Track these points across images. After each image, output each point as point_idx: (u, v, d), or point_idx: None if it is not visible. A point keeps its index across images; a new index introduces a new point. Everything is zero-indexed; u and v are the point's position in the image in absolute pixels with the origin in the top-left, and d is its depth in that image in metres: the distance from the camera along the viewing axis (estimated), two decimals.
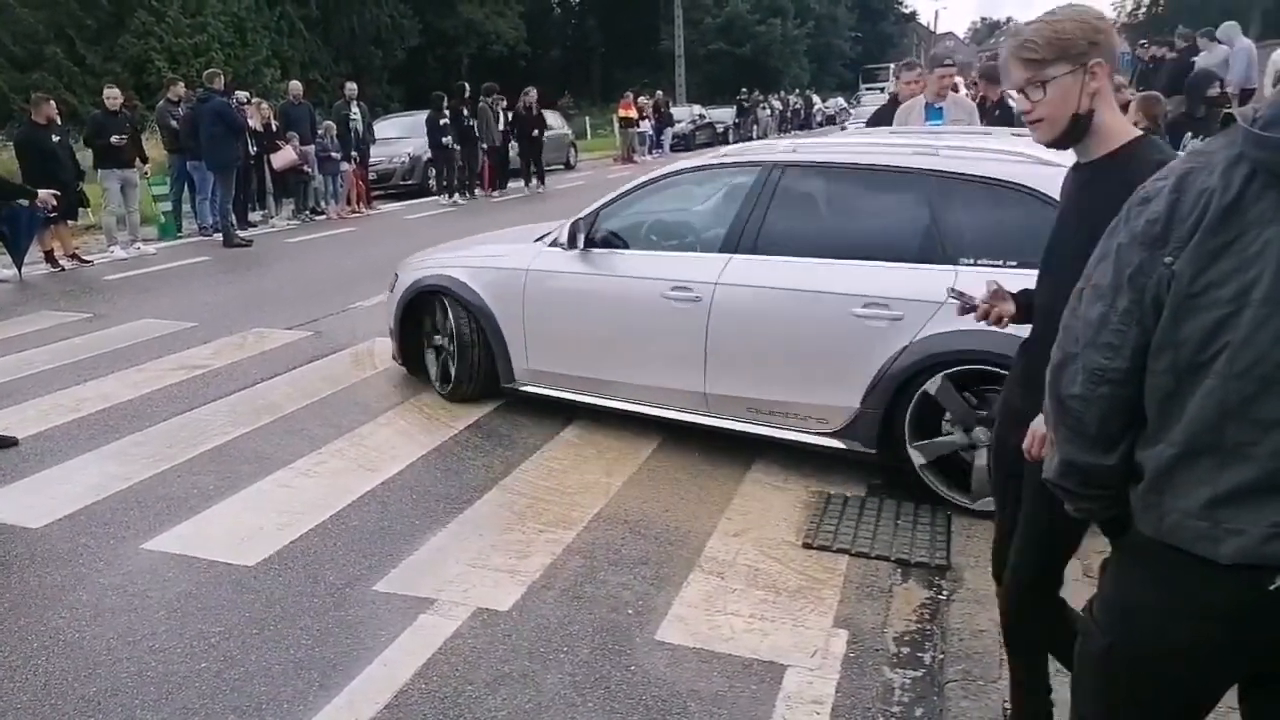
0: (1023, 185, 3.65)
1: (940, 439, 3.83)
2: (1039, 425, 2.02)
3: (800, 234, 4.24)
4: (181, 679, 2.86)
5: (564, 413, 5.10)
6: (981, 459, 3.65)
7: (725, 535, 3.75)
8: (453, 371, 5.24)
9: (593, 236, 4.73)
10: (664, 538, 3.75)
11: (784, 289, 4.10)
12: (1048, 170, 3.43)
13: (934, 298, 3.62)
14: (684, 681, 2.82)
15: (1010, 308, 2.33)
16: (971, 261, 3.71)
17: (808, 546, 3.64)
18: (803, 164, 4.36)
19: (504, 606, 3.23)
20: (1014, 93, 2.01)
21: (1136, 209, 1.41)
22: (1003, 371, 3.58)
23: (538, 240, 5.09)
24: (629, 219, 4.84)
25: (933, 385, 3.73)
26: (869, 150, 4.36)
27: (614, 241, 4.77)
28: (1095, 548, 1.59)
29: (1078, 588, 3.06)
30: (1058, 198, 3.60)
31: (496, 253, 5.30)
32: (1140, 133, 1.97)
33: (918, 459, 3.86)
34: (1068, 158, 2.14)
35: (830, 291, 3.96)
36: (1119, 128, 1.95)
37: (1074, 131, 1.94)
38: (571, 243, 4.75)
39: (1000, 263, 3.63)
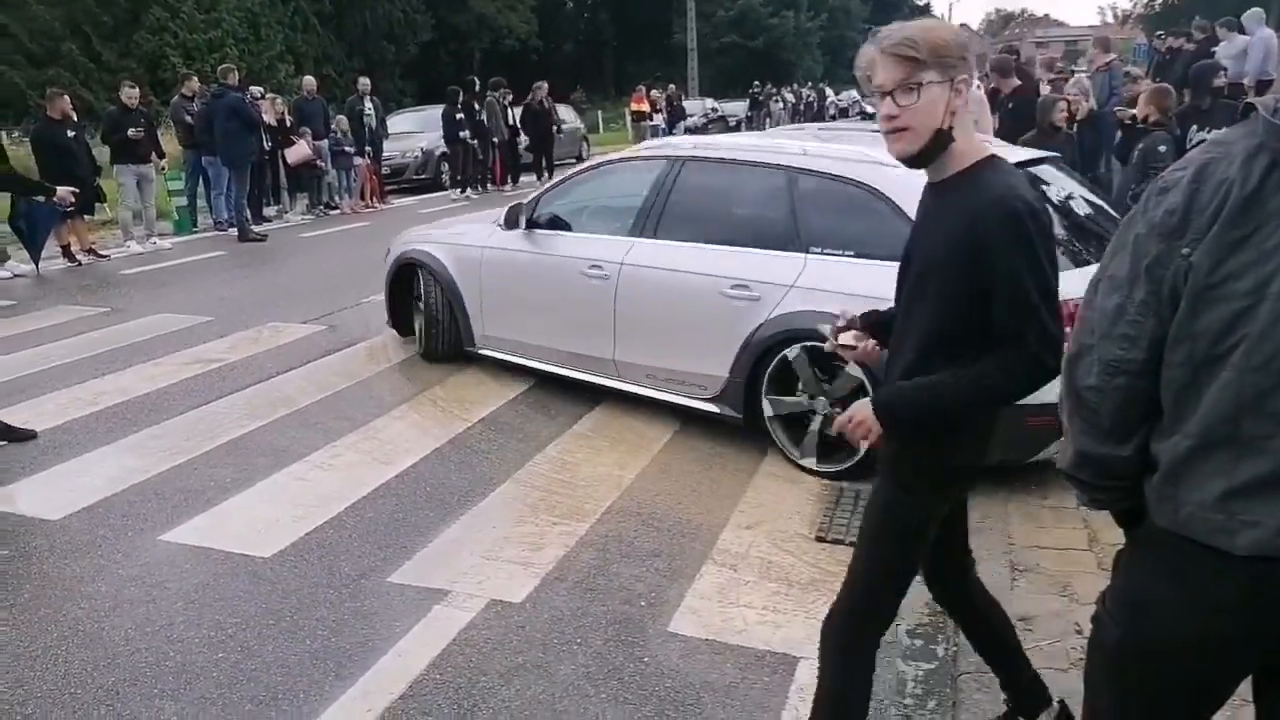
0: (866, 184, 4.05)
1: (790, 398, 4.25)
2: (858, 409, 2.01)
3: (690, 221, 4.71)
4: (199, 669, 2.89)
5: (577, 406, 5.13)
6: (815, 424, 4.16)
7: (738, 528, 3.75)
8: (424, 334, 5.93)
9: (537, 219, 5.30)
10: (677, 530, 3.76)
11: (672, 270, 4.60)
12: (891, 172, 3.75)
13: (786, 281, 4.17)
14: (697, 673, 2.83)
15: (863, 340, 2.23)
16: (820, 250, 4.17)
17: (820, 539, 3.64)
18: (698, 158, 4.84)
19: (517, 598, 3.25)
20: (875, 99, 1.93)
21: (1155, 199, 1.39)
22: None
23: (495, 221, 5.63)
24: (566, 203, 5.39)
25: (791, 352, 4.16)
26: (752, 148, 4.77)
27: (557, 223, 5.30)
28: (1110, 540, 1.58)
29: (1091, 579, 3.06)
30: (893, 198, 3.84)
31: (462, 231, 5.96)
32: (990, 153, 1.92)
33: (768, 410, 4.31)
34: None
35: (706, 273, 4.44)
36: (970, 149, 1.91)
37: (934, 147, 1.88)
38: (508, 224, 5.40)
39: (842, 252, 4.10)
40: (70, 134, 9.94)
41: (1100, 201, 4.55)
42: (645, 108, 23.52)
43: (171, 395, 5.49)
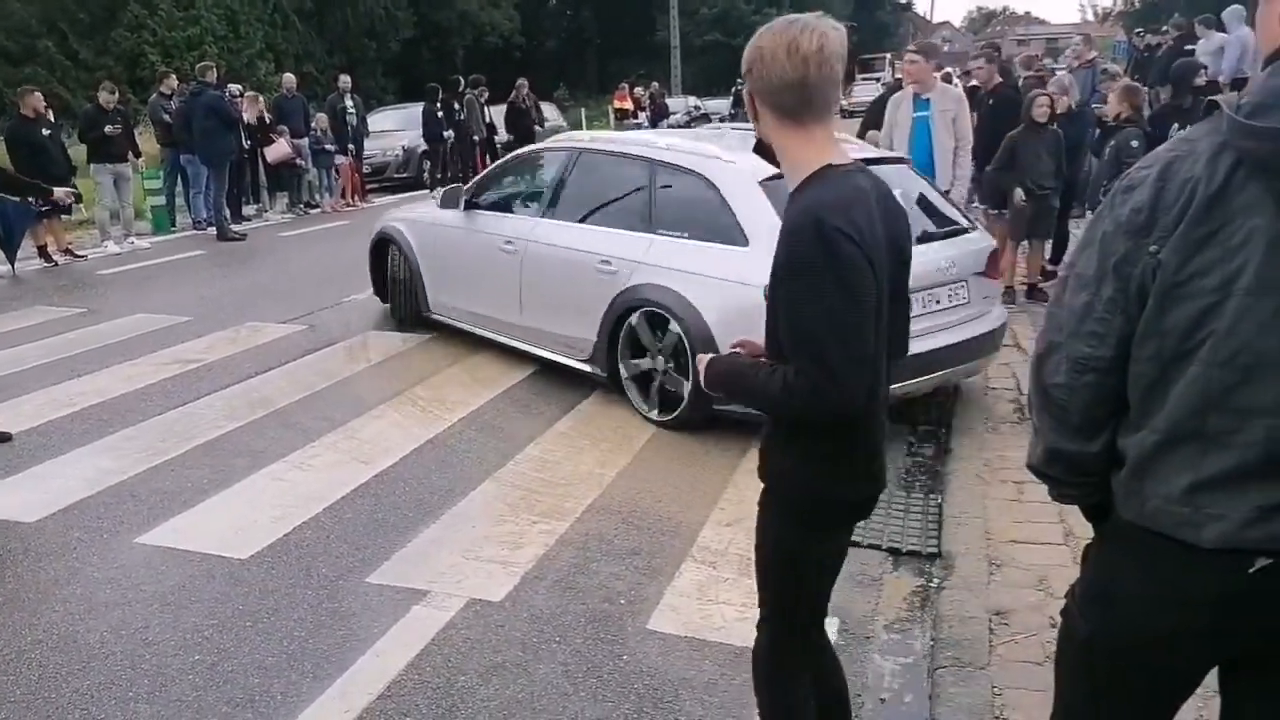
0: (702, 175, 4.69)
1: (637, 361, 4.90)
2: (704, 355, 1.96)
3: (579, 205, 5.41)
4: (175, 672, 2.87)
5: (558, 404, 5.14)
6: (656, 381, 4.82)
7: (718, 525, 3.76)
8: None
9: (477, 200, 6.09)
10: (657, 528, 3.76)
11: (561, 247, 5.28)
12: (723, 165, 4.63)
13: (636, 258, 4.83)
14: (675, 670, 2.84)
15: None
16: (665, 232, 4.82)
17: None
18: (590, 150, 5.61)
19: (497, 597, 3.24)
20: None
21: (1121, 197, 1.40)
22: (668, 318, 4.63)
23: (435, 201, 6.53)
24: (498, 187, 6.20)
25: (635, 318, 4.82)
26: (631, 142, 5.49)
27: (492, 204, 6.06)
28: (1086, 534, 1.60)
29: (1067, 573, 3.08)
30: (720, 188, 4.59)
31: (426, 210, 6.74)
32: (823, 164, 1.73)
33: (624, 373, 4.96)
34: (739, 157, 2.06)
35: (584, 250, 5.12)
36: (806, 159, 1.75)
37: (760, 151, 1.85)
38: (443, 205, 6.28)
39: (679, 234, 4.76)
40: (46, 132, 9.83)
41: (938, 204, 5.03)
42: (628, 105, 23.49)
43: (149, 396, 5.44)
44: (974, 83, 8.35)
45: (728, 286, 4.37)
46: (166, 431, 4.86)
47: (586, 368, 5.18)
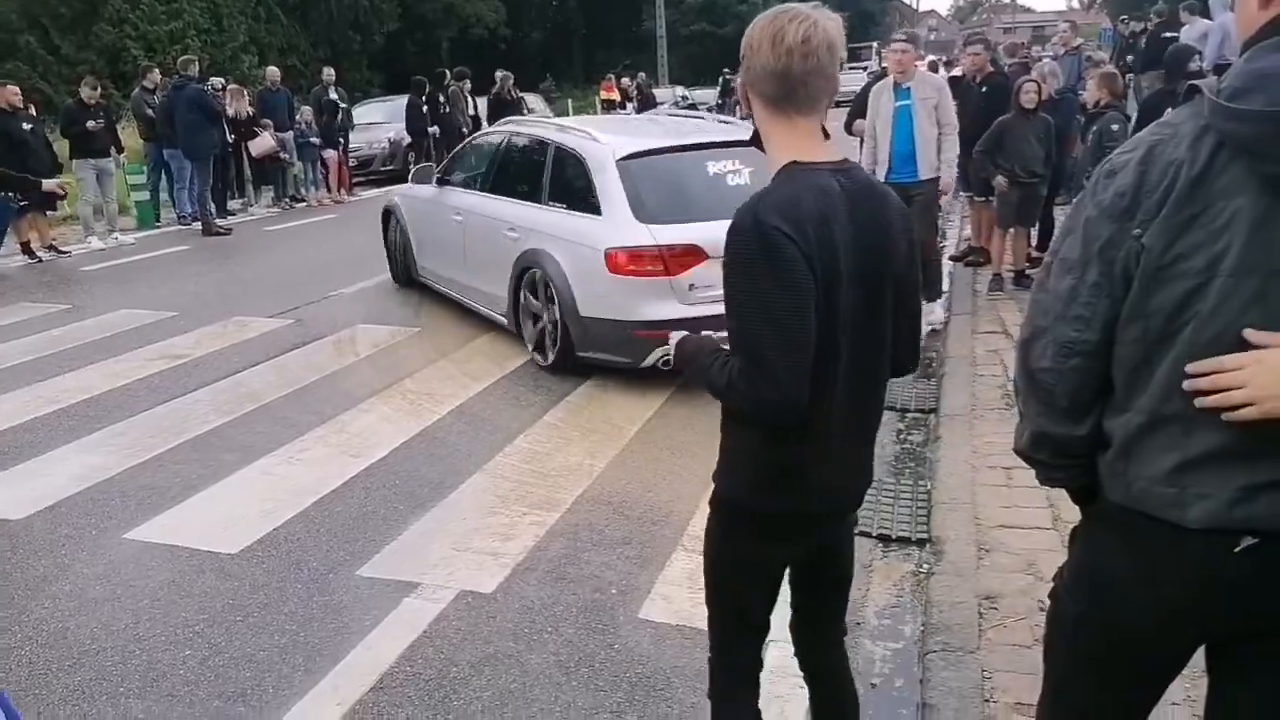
0: (579, 154, 5.50)
1: (534, 301, 5.61)
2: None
3: (504, 180, 6.33)
4: (166, 667, 2.86)
5: (548, 396, 5.13)
6: (539, 325, 5.59)
7: (708, 513, 3.75)
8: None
9: (447, 178, 6.98)
10: (647, 517, 3.77)
11: (487, 216, 6.17)
12: (595, 145, 5.44)
13: (531, 225, 5.65)
14: (667, 658, 2.85)
15: None
16: (552, 204, 5.64)
17: None
18: (516, 133, 6.56)
19: (488, 589, 3.24)
20: None
21: (1104, 182, 1.40)
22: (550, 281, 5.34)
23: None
24: (461, 165, 7.09)
25: (537, 273, 5.50)
26: (543, 125, 6.69)
27: (459, 181, 6.86)
28: (1074, 518, 1.61)
29: (1056, 557, 3.10)
30: (590, 166, 5.38)
31: (419, 185, 7.49)
32: (791, 160, 1.69)
33: (520, 300, 5.72)
34: (611, 139, 2.03)
35: (500, 219, 5.97)
36: (781, 153, 1.71)
37: (757, 145, 1.80)
38: (414, 181, 7.43)
39: (561, 206, 5.54)
40: (27, 126, 9.71)
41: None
42: (615, 96, 23.38)
43: (135, 392, 5.41)
44: (956, 71, 8.34)
45: (580, 249, 5.20)
46: (154, 427, 4.84)
47: (503, 320, 5.97)
